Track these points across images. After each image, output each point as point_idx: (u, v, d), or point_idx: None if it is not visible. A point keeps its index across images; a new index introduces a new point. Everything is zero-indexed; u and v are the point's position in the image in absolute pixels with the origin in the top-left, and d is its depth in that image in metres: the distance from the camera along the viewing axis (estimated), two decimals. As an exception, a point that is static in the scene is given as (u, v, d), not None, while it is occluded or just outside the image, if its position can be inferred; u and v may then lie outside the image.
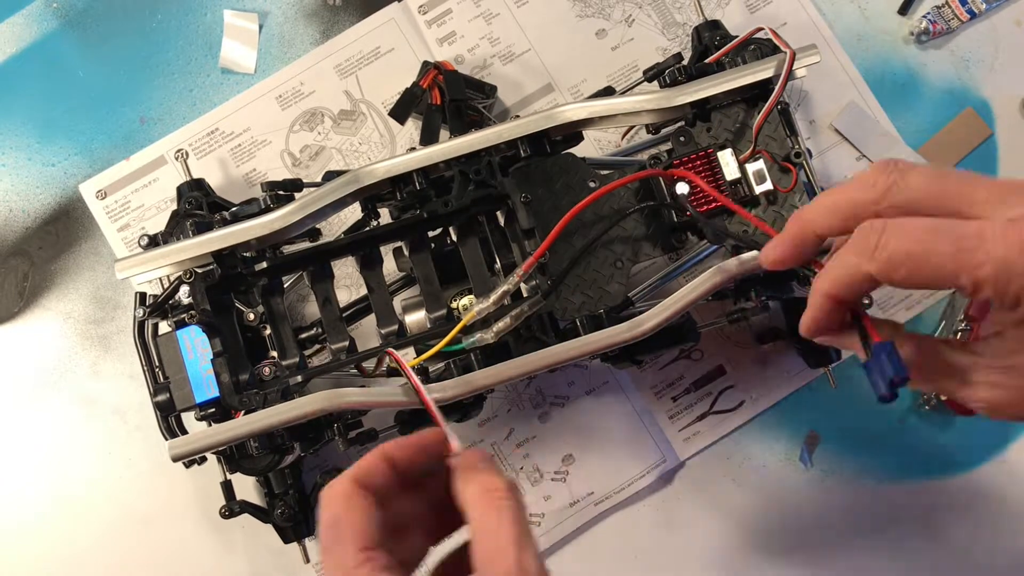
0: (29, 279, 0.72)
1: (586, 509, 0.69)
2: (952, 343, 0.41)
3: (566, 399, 0.70)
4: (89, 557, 0.69)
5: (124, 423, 0.70)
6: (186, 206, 0.62)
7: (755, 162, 0.56)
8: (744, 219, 0.55)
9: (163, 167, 0.71)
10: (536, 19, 0.73)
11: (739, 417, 0.70)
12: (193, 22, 0.73)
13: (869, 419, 0.70)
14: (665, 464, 0.69)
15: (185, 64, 0.73)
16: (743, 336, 0.70)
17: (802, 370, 0.69)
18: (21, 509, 0.69)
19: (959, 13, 0.72)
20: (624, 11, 0.73)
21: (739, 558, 0.69)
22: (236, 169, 0.72)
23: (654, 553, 0.69)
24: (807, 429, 0.70)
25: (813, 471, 0.70)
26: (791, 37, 0.57)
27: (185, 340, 0.60)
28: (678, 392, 0.70)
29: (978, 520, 0.69)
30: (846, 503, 0.69)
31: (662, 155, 0.57)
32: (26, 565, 0.69)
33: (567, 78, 0.72)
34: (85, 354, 0.71)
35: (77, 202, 0.72)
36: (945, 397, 0.65)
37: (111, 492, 0.69)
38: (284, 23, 0.74)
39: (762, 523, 0.69)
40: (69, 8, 0.73)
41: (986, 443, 0.70)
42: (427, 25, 0.73)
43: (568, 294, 0.55)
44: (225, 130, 0.72)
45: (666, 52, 0.72)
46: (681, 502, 0.69)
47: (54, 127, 0.73)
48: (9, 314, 0.71)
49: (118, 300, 0.71)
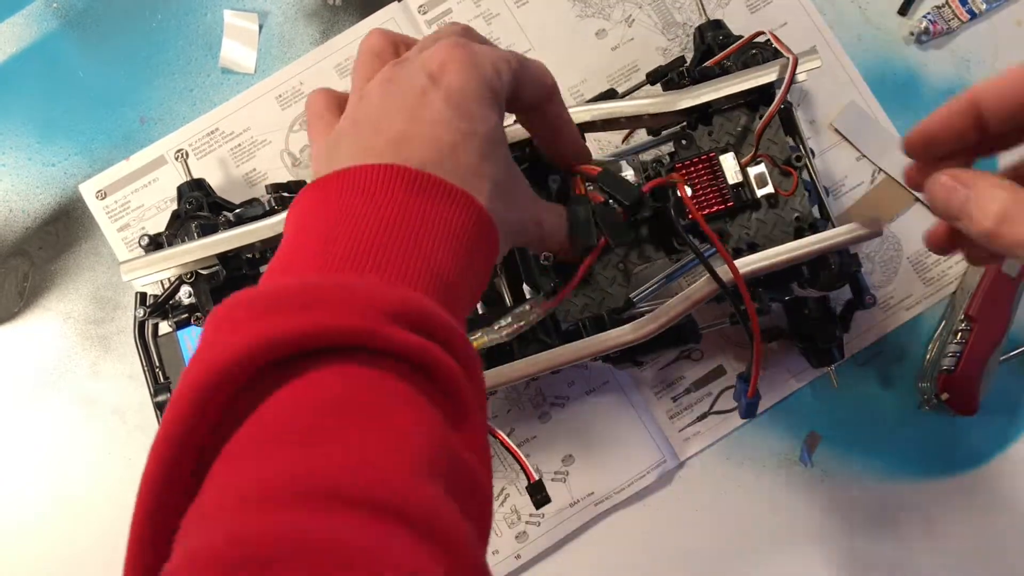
0: (29, 279, 0.72)
1: (586, 509, 0.69)
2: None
3: (566, 399, 0.70)
4: (89, 557, 0.69)
5: (124, 423, 0.70)
6: (186, 206, 0.62)
7: (757, 166, 0.56)
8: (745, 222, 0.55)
9: (163, 167, 0.71)
10: (536, 19, 0.73)
11: (739, 417, 0.70)
12: (193, 22, 0.73)
13: (869, 419, 0.70)
14: (665, 464, 0.69)
15: (185, 64, 0.73)
16: (743, 336, 0.70)
17: (803, 370, 0.69)
18: (21, 509, 0.69)
19: (959, 13, 0.72)
20: (624, 11, 0.73)
21: (739, 558, 0.69)
22: (236, 169, 0.71)
23: (654, 553, 0.69)
24: (807, 429, 0.70)
25: (813, 471, 0.70)
26: (791, 37, 0.57)
27: (186, 340, 0.60)
28: (678, 392, 0.70)
29: (978, 520, 0.69)
30: (846, 503, 0.69)
31: (664, 158, 0.57)
32: (26, 565, 0.69)
33: (567, 78, 0.72)
34: (85, 354, 0.71)
35: (77, 202, 0.72)
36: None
37: (111, 492, 0.70)
38: (284, 23, 0.73)
39: (762, 523, 0.69)
40: (69, 8, 0.73)
41: (987, 443, 0.70)
42: (427, 25, 0.73)
43: (571, 296, 0.56)
44: (225, 130, 0.72)
45: (666, 52, 0.72)
46: (681, 502, 0.70)
47: (54, 127, 0.72)
48: (9, 314, 0.71)
49: (118, 300, 0.71)
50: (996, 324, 0.68)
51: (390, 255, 0.36)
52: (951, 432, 0.70)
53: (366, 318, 0.32)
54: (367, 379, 0.32)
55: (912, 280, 0.71)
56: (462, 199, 0.39)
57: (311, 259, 0.36)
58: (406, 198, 0.37)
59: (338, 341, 0.32)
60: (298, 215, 0.39)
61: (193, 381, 0.31)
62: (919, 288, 0.71)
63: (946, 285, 0.71)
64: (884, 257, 0.71)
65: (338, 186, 0.38)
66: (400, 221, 0.37)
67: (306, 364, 0.32)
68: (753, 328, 0.52)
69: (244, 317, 0.33)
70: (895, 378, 0.70)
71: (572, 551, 0.69)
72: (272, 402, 0.31)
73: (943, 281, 0.71)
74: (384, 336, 0.32)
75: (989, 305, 0.68)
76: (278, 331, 0.31)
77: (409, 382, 0.33)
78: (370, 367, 0.32)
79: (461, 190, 0.39)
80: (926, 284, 0.71)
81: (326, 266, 0.36)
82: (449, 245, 0.38)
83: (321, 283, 0.34)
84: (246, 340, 0.31)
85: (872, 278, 0.70)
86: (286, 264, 0.38)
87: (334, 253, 0.36)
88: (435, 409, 0.33)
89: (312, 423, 0.30)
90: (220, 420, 0.31)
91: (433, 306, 0.35)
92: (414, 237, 0.37)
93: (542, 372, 0.54)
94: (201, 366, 0.31)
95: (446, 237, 0.38)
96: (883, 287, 0.71)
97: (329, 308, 0.32)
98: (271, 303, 0.33)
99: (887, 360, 0.71)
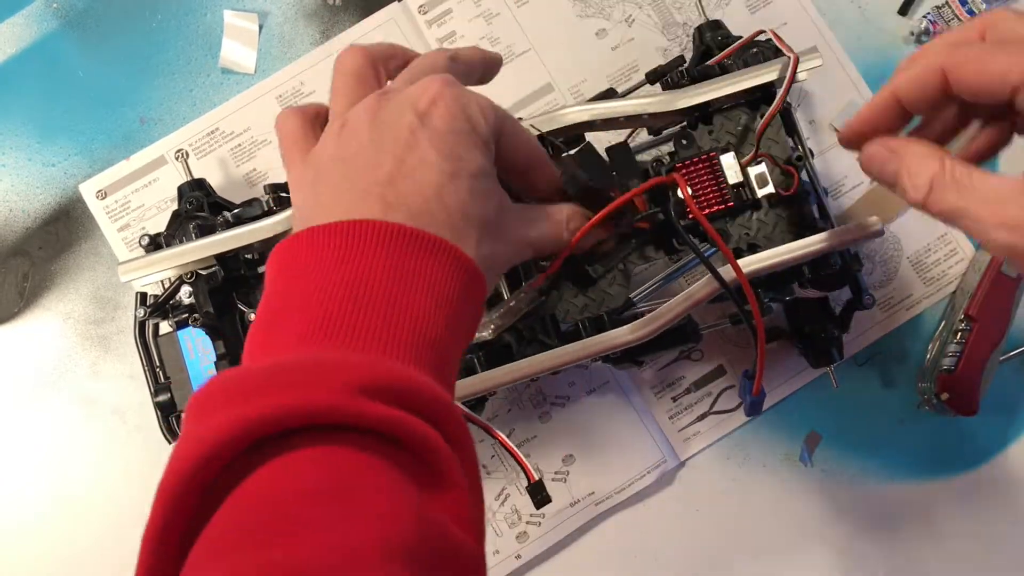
0: (29, 279, 0.72)
1: (586, 509, 0.69)
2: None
3: (566, 399, 0.70)
4: (89, 557, 0.69)
5: (124, 423, 0.70)
6: (187, 206, 0.62)
7: (757, 166, 0.56)
8: (745, 222, 0.55)
9: (163, 167, 0.71)
10: (536, 19, 0.73)
11: (739, 417, 0.70)
12: (193, 22, 0.73)
13: (869, 419, 0.70)
14: (665, 464, 0.69)
15: (185, 64, 0.73)
16: (743, 336, 0.70)
17: (803, 370, 0.69)
18: (21, 509, 0.69)
19: (959, 13, 0.72)
20: (624, 11, 0.73)
21: (739, 558, 0.69)
22: (236, 169, 0.71)
23: (654, 553, 0.69)
24: (807, 429, 0.70)
25: (813, 471, 0.70)
26: (791, 37, 0.57)
27: (186, 340, 0.60)
28: (678, 392, 0.70)
29: (978, 520, 0.69)
30: (846, 503, 0.69)
31: (664, 158, 0.57)
32: (26, 565, 0.69)
33: (567, 78, 0.72)
34: (85, 354, 0.71)
35: (77, 202, 0.72)
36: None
37: (111, 492, 0.70)
38: (284, 23, 0.73)
39: (762, 523, 0.69)
40: (69, 8, 0.73)
41: (986, 443, 0.70)
42: (427, 25, 0.73)
43: (570, 296, 0.56)
44: (225, 130, 0.72)
45: (666, 52, 0.72)
46: (681, 502, 0.70)
47: (54, 127, 0.72)
48: (9, 314, 0.71)
49: (118, 300, 0.71)
50: (996, 324, 0.68)
51: (372, 322, 0.36)
52: (951, 432, 0.70)
53: (336, 394, 0.32)
54: (337, 460, 0.32)
55: (912, 280, 0.71)
56: (448, 254, 0.38)
57: (290, 330, 0.36)
58: (391, 258, 0.37)
59: (308, 421, 0.32)
60: (279, 273, 0.39)
61: (169, 475, 0.31)
62: (919, 288, 0.71)
63: (946, 285, 0.71)
64: (884, 257, 0.71)
65: (320, 244, 0.38)
66: (385, 283, 0.36)
67: (277, 448, 0.32)
68: (757, 326, 0.52)
69: (216, 406, 0.33)
70: (895, 378, 0.70)
71: (573, 551, 0.69)
72: (241, 492, 0.31)
73: (943, 281, 0.71)
74: (354, 412, 0.32)
75: (989, 305, 0.68)
76: (246, 419, 0.31)
77: (382, 456, 0.33)
78: (342, 445, 0.32)
79: (447, 243, 0.38)
80: (926, 284, 0.71)
81: (305, 337, 0.35)
82: (436, 303, 0.37)
83: (287, 364, 0.34)
84: (213, 434, 0.31)
85: (872, 278, 0.70)
86: (264, 339, 0.37)
87: (312, 324, 0.36)
88: (409, 483, 0.33)
89: (276, 515, 0.30)
90: (199, 507, 0.31)
91: (409, 375, 0.34)
92: (399, 300, 0.36)
93: (542, 372, 0.54)
94: (174, 462, 0.31)
95: (433, 296, 0.37)
96: (883, 287, 0.71)
97: (298, 389, 0.32)
98: (240, 389, 0.33)
99: (887, 360, 0.71)
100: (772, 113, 0.54)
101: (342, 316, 0.36)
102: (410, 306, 0.37)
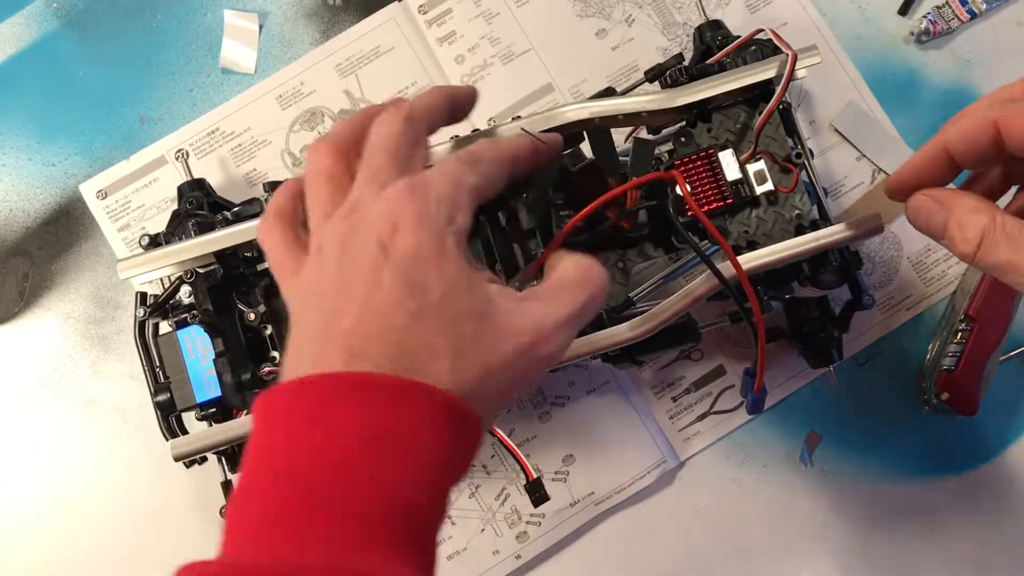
0: (29, 279, 0.72)
1: (586, 509, 0.69)
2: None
3: (566, 399, 0.70)
4: (89, 557, 0.69)
5: (124, 423, 0.70)
6: (187, 206, 0.62)
7: (756, 163, 0.56)
8: (745, 219, 0.55)
9: (163, 167, 0.71)
10: (536, 19, 0.73)
11: (739, 417, 0.70)
12: (193, 22, 0.73)
13: (869, 419, 0.70)
14: (665, 464, 0.69)
15: (185, 64, 0.73)
16: (743, 336, 0.70)
17: (803, 370, 0.69)
18: (21, 509, 0.69)
19: (959, 13, 0.72)
20: (624, 11, 0.73)
21: (739, 558, 0.69)
22: (236, 169, 0.72)
23: (654, 553, 0.69)
24: (807, 429, 0.70)
25: (813, 471, 0.70)
26: (791, 37, 0.57)
27: (186, 340, 0.60)
28: (678, 392, 0.70)
29: (978, 520, 0.69)
30: (846, 503, 0.69)
31: (663, 155, 0.57)
32: (26, 565, 0.69)
33: (567, 78, 0.72)
34: (85, 354, 0.71)
35: (77, 202, 0.72)
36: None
37: (111, 492, 0.69)
38: (284, 23, 0.74)
39: (762, 523, 0.69)
40: (69, 8, 0.73)
41: (986, 443, 0.70)
42: (427, 25, 0.73)
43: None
44: (225, 130, 0.72)
45: (666, 52, 0.72)
46: (682, 502, 0.70)
47: (54, 127, 0.73)
48: (9, 314, 0.71)
49: (118, 300, 0.71)
50: (996, 324, 0.68)
51: (334, 503, 0.33)
52: (951, 432, 0.70)
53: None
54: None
55: (912, 280, 0.71)
56: (419, 399, 0.35)
57: (254, 510, 0.34)
58: (365, 411, 0.34)
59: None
60: (260, 429, 0.37)
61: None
62: (919, 288, 0.71)
63: (946, 285, 0.71)
64: (884, 257, 0.71)
65: (286, 410, 0.36)
66: (353, 450, 0.34)
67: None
68: (757, 322, 0.52)
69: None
70: (895, 378, 0.70)
71: (573, 551, 0.69)
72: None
73: (943, 281, 0.71)
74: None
75: (989, 305, 0.68)
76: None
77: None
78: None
79: (417, 384, 0.35)
80: (926, 284, 0.71)
81: (269, 523, 0.33)
82: (411, 464, 0.34)
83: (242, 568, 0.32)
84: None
85: (872, 278, 0.70)
86: (233, 513, 0.35)
87: (276, 507, 0.34)
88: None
89: None
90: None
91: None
92: (368, 470, 0.33)
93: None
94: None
95: (407, 457, 0.34)
96: (883, 287, 0.71)
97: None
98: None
99: (887, 360, 0.70)
100: (771, 109, 0.54)
101: (305, 501, 0.33)
102: (382, 477, 0.33)
